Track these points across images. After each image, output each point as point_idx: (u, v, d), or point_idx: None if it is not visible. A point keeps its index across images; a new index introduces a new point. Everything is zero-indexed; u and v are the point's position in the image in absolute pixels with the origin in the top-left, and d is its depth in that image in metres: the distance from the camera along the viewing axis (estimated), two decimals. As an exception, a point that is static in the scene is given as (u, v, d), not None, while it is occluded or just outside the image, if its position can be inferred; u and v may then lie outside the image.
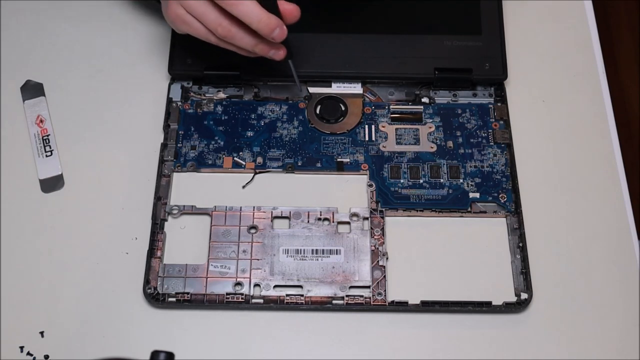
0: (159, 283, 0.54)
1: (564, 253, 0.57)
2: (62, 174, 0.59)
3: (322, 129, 0.61)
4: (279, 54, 0.56)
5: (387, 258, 0.55)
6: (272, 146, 0.60)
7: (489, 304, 0.54)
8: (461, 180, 0.59)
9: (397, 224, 0.57)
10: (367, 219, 0.57)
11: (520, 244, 0.56)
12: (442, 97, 0.63)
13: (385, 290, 0.54)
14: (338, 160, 0.60)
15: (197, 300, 0.54)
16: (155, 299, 0.54)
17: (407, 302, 0.54)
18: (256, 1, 0.52)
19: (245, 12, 0.51)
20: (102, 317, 0.54)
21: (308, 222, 0.57)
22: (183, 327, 0.53)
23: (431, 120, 0.62)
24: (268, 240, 0.56)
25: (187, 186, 0.59)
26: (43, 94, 0.62)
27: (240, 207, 0.57)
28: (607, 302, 0.55)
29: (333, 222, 0.57)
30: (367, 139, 0.61)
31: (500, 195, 0.58)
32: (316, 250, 0.56)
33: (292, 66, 0.58)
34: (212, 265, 0.55)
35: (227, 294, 0.54)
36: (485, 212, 0.58)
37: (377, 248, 0.56)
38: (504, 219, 0.58)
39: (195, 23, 0.54)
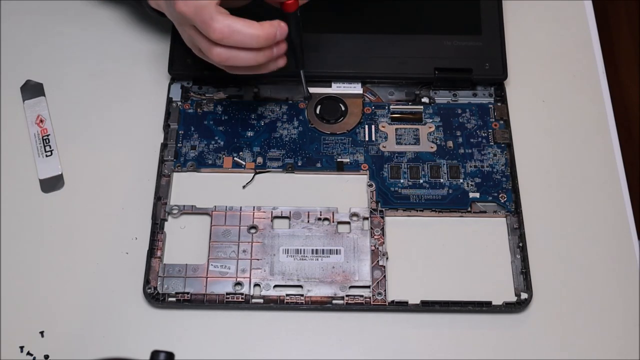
0: (159, 283, 0.54)
1: (564, 253, 0.57)
2: (62, 174, 0.59)
3: (322, 129, 0.61)
4: (281, 49, 0.53)
5: (387, 258, 0.56)
6: (272, 146, 0.60)
7: (489, 304, 0.54)
8: (461, 180, 0.59)
9: (397, 224, 0.57)
10: (367, 219, 0.57)
11: (520, 244, 0.56)
12: (442, 97, 0.63)
13: (385, 290, 0.54)
14: (338, 160, 0.60)
15: (197, 300, 0.54)
16: (155, 299, 0.54)
17: (407, 302, 0.54)
18: (241, 19, 0.50)
19: (241, 40, 0.50)
20: (102, 317, 0.54)
21: (308, 222, 0.57)
22: (183, 327, 0.53)
23: (431, 120, 0.62)
24: (268, 240, 0.56)
25: (187, 186, 0.59)
26: (43, 94, 0.62)
27: (240, 207, 0.57)
28: (607, 302, 0.55)
29: (333, 222, 0.57)
30: (367, 139, 0.61)
31: (500, 195, 0.58)
32: (316, 250, 0.56)
33: (303, 76, 0.58)
34: (212, 265, 0.55)
35: (227, 294, 0.54)
36: (485, 212, 0.58)
37: (377, 248, 0.56)
38: (504, 219, 0.58)
39: (201, 54, 0.54)
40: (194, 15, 0.50)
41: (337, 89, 0.63)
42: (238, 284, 0.54)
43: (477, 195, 0.58)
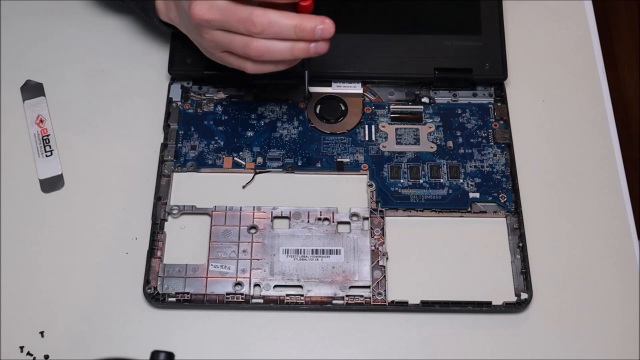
0: (159, 283, 0.54)
1: (564, 253, 0.57)
2: (62, 174, 0.59)
3: (322, 129, 0.61)
4: (321, 47, 0.51)
5: (387, 258, 0.55)
6: (272, 146, 0.60)
7: (489, 304, 0.54)
8: (461, 180, 0.59)
9: (397, 224, 0.57)
10: (367, 219, 0.57)
11: (520, 244, 0.56)
12: (442, 97, 0.63)
13: (385, 290, 0.54)
14: (338, 160, 0.60)
15: (197, 300, 0.54)
16: (155, 299, 0.54)
17: (407, 302, 0.54)
18: (280, 11, 0.49)
19: (279, 32, 0.49)
20: (102, 317, 0.54)
21: (308, 222, 0.57)
22: (183, 327, 0.53)
23: (431, 120, 0.62)
24: (268, 240, 0.56)
25: (187, 186, 0.59)
26: (43, 94, 0.62)
27: (240, 207, 0.57)
28: (607, 302, 0.55)
29: (333, 222, 0.57)
30: (367, 139, 0.61)
31: (500, 195, 0.58)
32: (316, 250, 0.56)
33: (307, 77, 0.59)
34: (212, 265, 0.55)
35: (227, 294, 0.54)
36: (485, 212, 0.58)
37: (377, 248, 0.56)
38: (504, 219, 0.58)
39: (227, 57, 0.53)
40: (226, 17, 0.49)
41: (337, 88, 0.63)
42: (238, 284, 0.54)
43: (477, 195, 0.58)
